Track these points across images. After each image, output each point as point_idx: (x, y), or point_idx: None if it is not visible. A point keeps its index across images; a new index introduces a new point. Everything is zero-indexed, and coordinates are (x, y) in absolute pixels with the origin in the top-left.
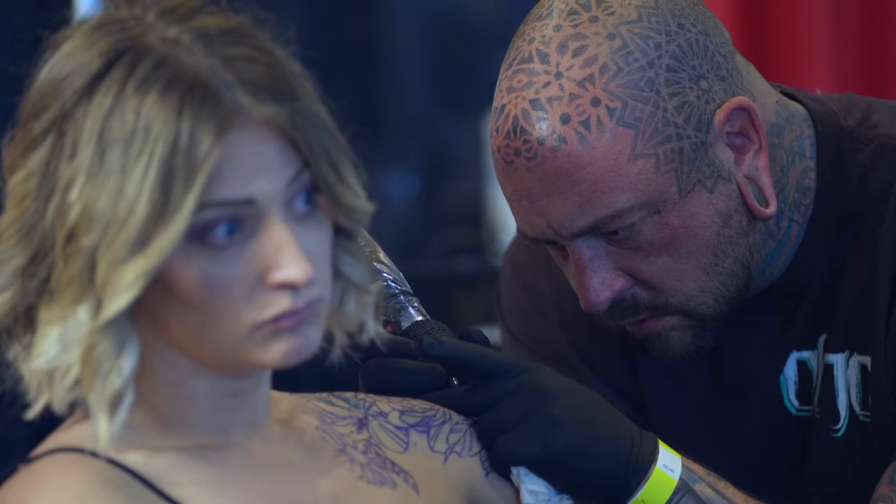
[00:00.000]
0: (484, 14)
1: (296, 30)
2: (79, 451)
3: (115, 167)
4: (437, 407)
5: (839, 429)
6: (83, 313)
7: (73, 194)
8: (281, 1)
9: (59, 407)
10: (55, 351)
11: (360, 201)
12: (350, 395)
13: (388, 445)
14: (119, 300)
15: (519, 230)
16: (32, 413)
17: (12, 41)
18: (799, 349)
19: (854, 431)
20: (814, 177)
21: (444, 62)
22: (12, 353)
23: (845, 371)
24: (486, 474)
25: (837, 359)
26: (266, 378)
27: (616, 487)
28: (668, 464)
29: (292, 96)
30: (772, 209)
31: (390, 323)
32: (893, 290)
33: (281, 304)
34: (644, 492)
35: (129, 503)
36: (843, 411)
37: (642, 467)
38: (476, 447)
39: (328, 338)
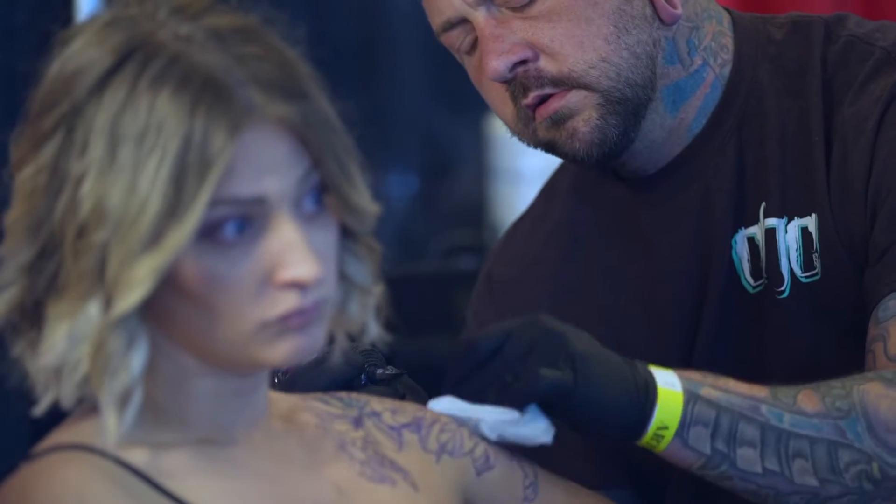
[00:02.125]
0: None
1: (297, 28)
2: (82, 448)
3: (127, 163)
4: (426, 408)
5: (783, 291)
6: (93, 309)
7: (84, 190)
8: (283, 0)
9: (66, 403)
10: (64, 347)
11: (367, 202)
12: (343, 394)
13: (384, 444)
14: (131, 296)
15: (436, 28)
16: (39, 409)
17: (12, 41)
18: (746, 226)
19: (797, 294)
20: (731, 43)
21: (445, 62)
22: (18, 348)
23: (785, 236)
24: (478, 474)
25: (779, 223)
26: (266, 376)
27: (632, 417)
28: (667, 380)
29: (303, 95)
30: (677, 12)
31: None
32: (827, 145)
33: (288, 302)
34: (658, 413)
35: (131, 501)
36: (786, 275)
37: (650, 391)
38: (467, 447)
39: (328, 338)
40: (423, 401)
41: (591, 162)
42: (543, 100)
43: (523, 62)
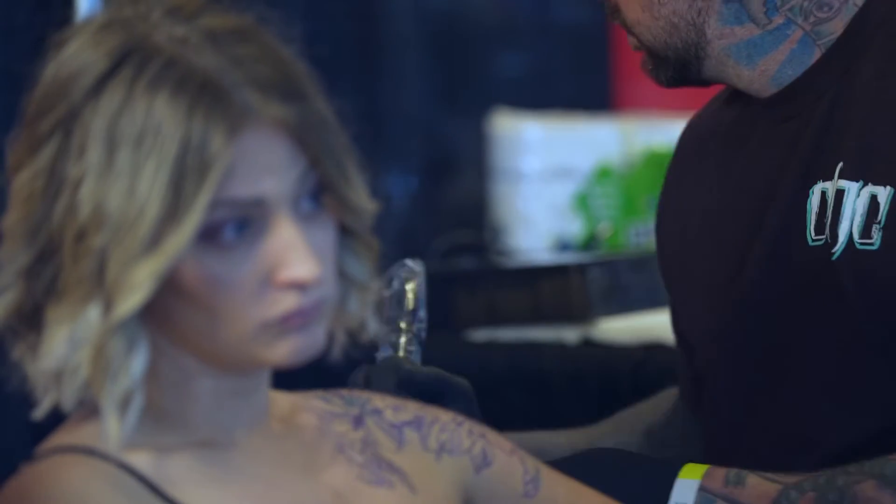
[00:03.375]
0: (486, 13)
1: (296, 28)
2: (83, 450)
3: (125, 166)
4: (427, 407)
5: (836, 252)
6: (92, 313)
7: (83, 194)
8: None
9: (67, 406)
10: (64, 351)
11: (365, 200)
12: (345, 391)
13: (383, 443)
14: (131, 300)
15: None
16: (39, 413)
17: (12, 41)
18: (823, 180)
19: (849, 259)
20: (843, 3)
21: (446, 61)
22: (17, 353)
23: (855, 199)
24: (477, 471)
25: (850, 186)
26: (266, 376)
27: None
28: (680, 500)
29: (300, 96)
30: None
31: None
32: None
33: (289, 302)
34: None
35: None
36: (843, 237)
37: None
38: (465, 445)
39: (328, 337)
40: None
41: (667, 86)
42: None
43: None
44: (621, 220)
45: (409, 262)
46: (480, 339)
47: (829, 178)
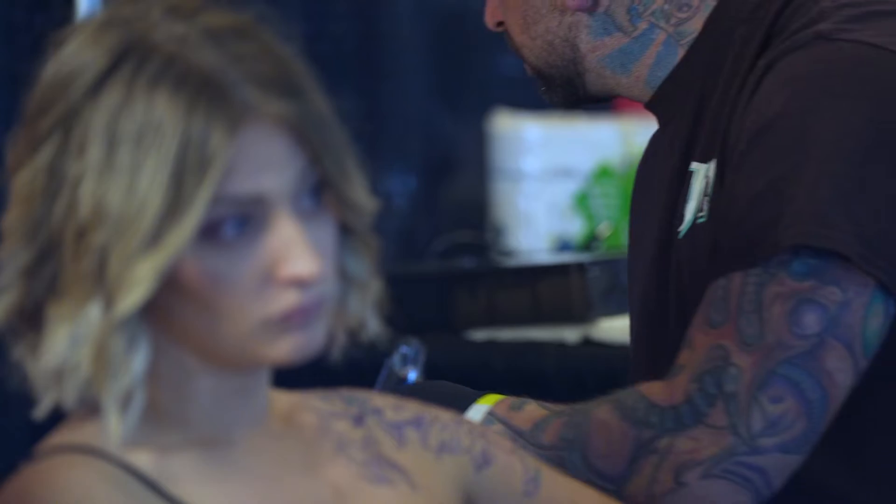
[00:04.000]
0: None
1: (297, 27)
2: (84, 450)
3: (125, 164)
4: (426, 406)
5: (681, 231)
6: (93, 311)
7: (83, 191)
8: None
9: (68, 405)
10: (64, 349)
11: (364, 198)
12: (345, 391)
13: (384, 442)
14: (132, 297)
15: None
16: (40, 412)
17: (12, 41)
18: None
19: (690, 234)
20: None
21: (446, 61)
22: (17, 351)
23: (699, 179)
24: (477, 470)
25: (699, 167)
26: (266, 375)
27: None
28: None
29: (300, 93)
30: (575, 3)
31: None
32: (749, 95)
33: (289, 299)
34: None
35: (131, 503)
36: (688, 216)
37: None
38: (466, 444)
39: (327, 336)
40: None
41: (565, 108)
42: None
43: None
44: (621, 220)
45: (405, 349)
46: (480, 339)
47: (688, 166)
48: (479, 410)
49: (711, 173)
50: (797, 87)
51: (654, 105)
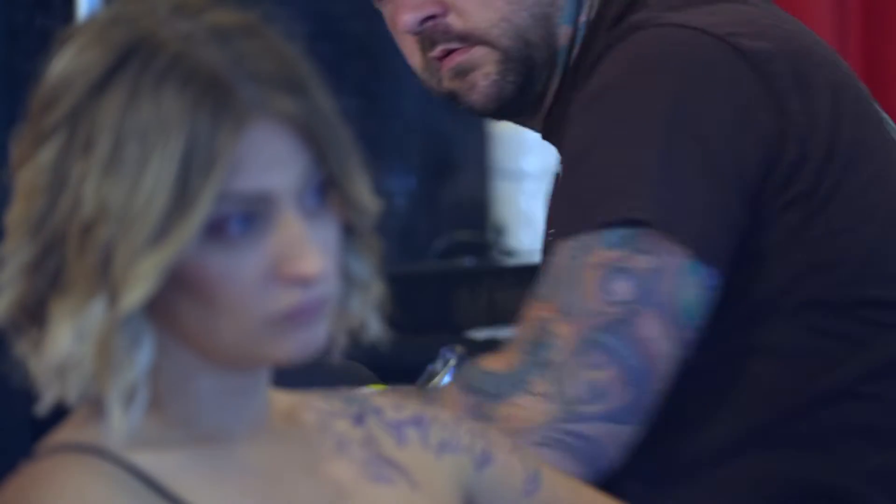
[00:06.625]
0: None
1: (299, 26)
2: (85, 449)
3: (131, 161)
4: (427, 406)
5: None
6: (97, 307)
7: (88, 188)
8: None
9: (71, 401)
10: (68, 345)
11: (368, 198)
12: (345, 391)
13: (384, 441)
14: (136, 293)
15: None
16: (42, 409)
17: (12, 41)
18: None
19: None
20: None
21: None
22: (20, 348)
23: None
24: (477, 469)
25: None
26: (266, 375)
27: None
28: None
29: (305, 91)
30: None
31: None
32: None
33: (292, 298)
34: None
35: (132, 502)
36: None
37: None
38: (466, 443)
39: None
40: None
41: (487, 114)
42: (449, 53)
43: (432, 17)
44: None
45: (449, 353)
46: (481, 339)
47: None
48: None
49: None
50: (609, 72)
51: (546, 136)
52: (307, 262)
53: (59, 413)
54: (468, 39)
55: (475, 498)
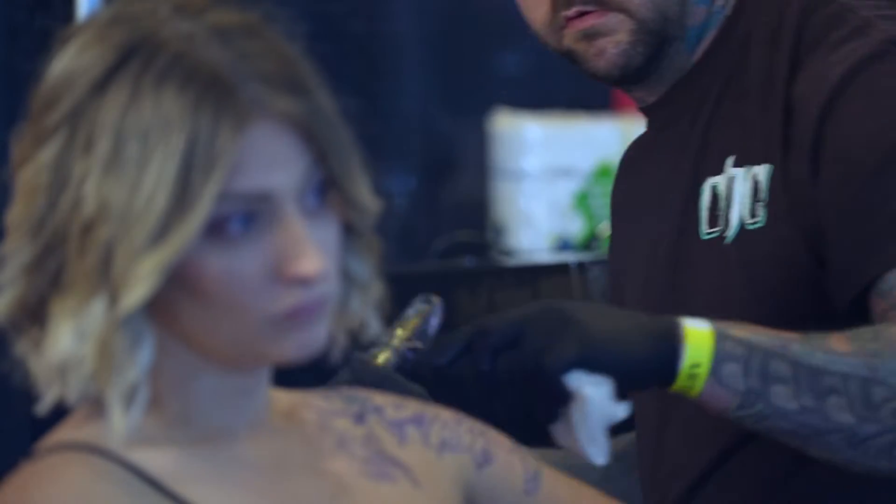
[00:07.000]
0: (486, 13)
1: (299, 26)
2: (85, 448)
3: (132, 160)
4: (427, 405)
5: (727, 237)
6: (98, 306)
7: (89, 187)
8: None
9: (71, 400)
10: (69, 344)
11: (368, 198)
12: (345, 390)
13: (385, 440)
14: (136, 293)
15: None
16: (42, 408)
17: (12, 40)
18: (713, 175)
19: (740, 239)
20: None
21: (446, 61)
22: (20, 348)
23: (743, 185)
24: (478, 468)
25: (738, 173)
26: (267, 374)
27: (662, 360)
28: (694, 323)
29: (306, 91)
30: None
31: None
32: (788, 100)
33: (293, 298)
34: (689, 351)
35: (133, 502)
36: (734, 222)
37: (675, 332)
38: (467, 442)
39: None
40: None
41: (608, 81)
42: (582, 14)
43: None
44: None
45: (433, 298)
46: None
47: (719, 172)
48: (693, 319)
49: (765, 177)
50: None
51: (655, 107)
52: (307, 262)
53: (59, 413)
54: (607, 4)
55: (476, 497)
